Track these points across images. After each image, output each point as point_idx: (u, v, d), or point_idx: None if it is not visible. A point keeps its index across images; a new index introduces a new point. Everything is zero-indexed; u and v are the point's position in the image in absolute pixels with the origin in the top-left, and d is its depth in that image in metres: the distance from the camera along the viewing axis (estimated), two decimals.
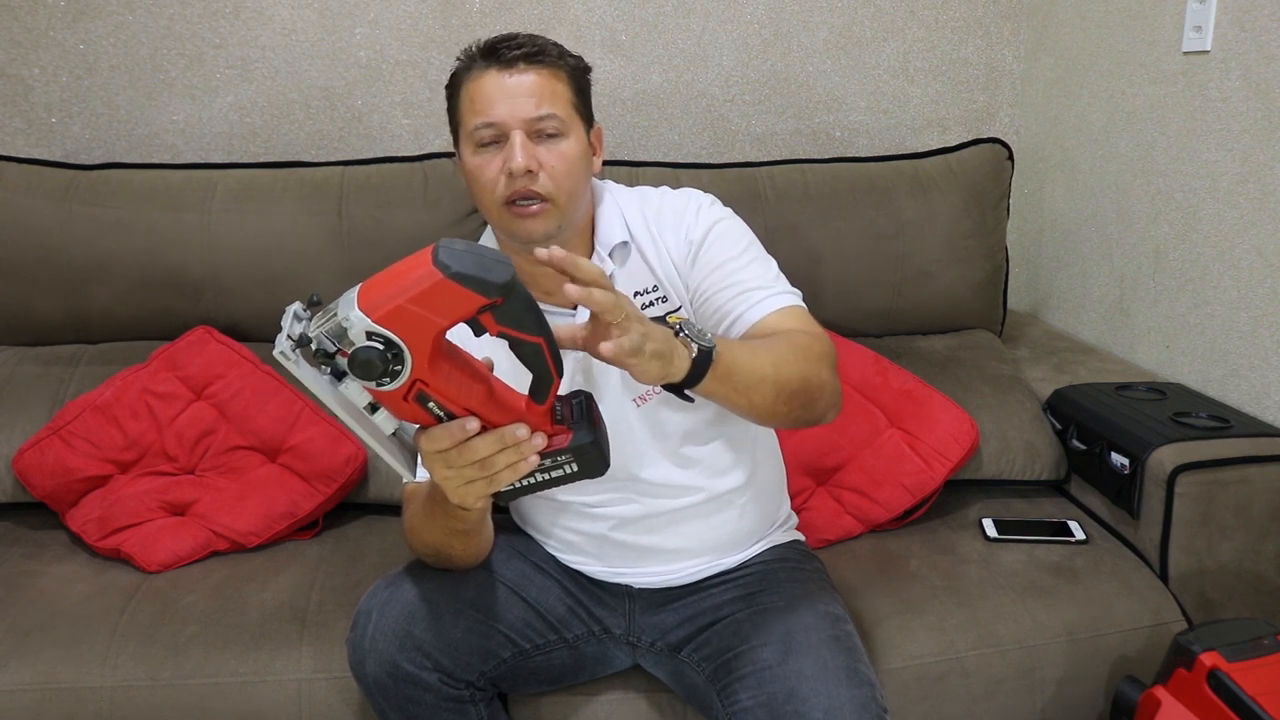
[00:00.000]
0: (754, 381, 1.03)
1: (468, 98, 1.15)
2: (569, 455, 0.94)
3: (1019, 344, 2.02)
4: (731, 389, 1.02)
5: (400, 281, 0.84)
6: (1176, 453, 1.46)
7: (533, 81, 1.13)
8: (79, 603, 1.40)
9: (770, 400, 1.06)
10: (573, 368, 1.21)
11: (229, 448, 1.61)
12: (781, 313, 1.16)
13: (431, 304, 0.83)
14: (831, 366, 1.14)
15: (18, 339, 1.81)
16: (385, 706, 1.16)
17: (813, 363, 1.10)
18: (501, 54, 1.13)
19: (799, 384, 1.07)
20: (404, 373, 0.85)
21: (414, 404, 0.88)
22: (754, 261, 1.20)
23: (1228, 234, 1.65)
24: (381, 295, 0.83)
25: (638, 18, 2.08)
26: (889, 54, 2.15)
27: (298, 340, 0.84)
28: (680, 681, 1.26)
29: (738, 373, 1.02)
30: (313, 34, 2.01)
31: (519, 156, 1.11)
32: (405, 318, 0.83)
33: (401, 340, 0.83)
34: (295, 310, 0.87)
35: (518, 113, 1.12)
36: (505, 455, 0.91)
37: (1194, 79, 1.70)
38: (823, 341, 1.14)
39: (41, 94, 1.97)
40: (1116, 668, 1.38)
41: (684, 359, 0.96)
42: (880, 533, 1.61)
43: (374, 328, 0.83)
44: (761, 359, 1.05)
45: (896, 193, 1.90)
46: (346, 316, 0.83)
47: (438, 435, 0.90)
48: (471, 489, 0.93)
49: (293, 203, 1.79)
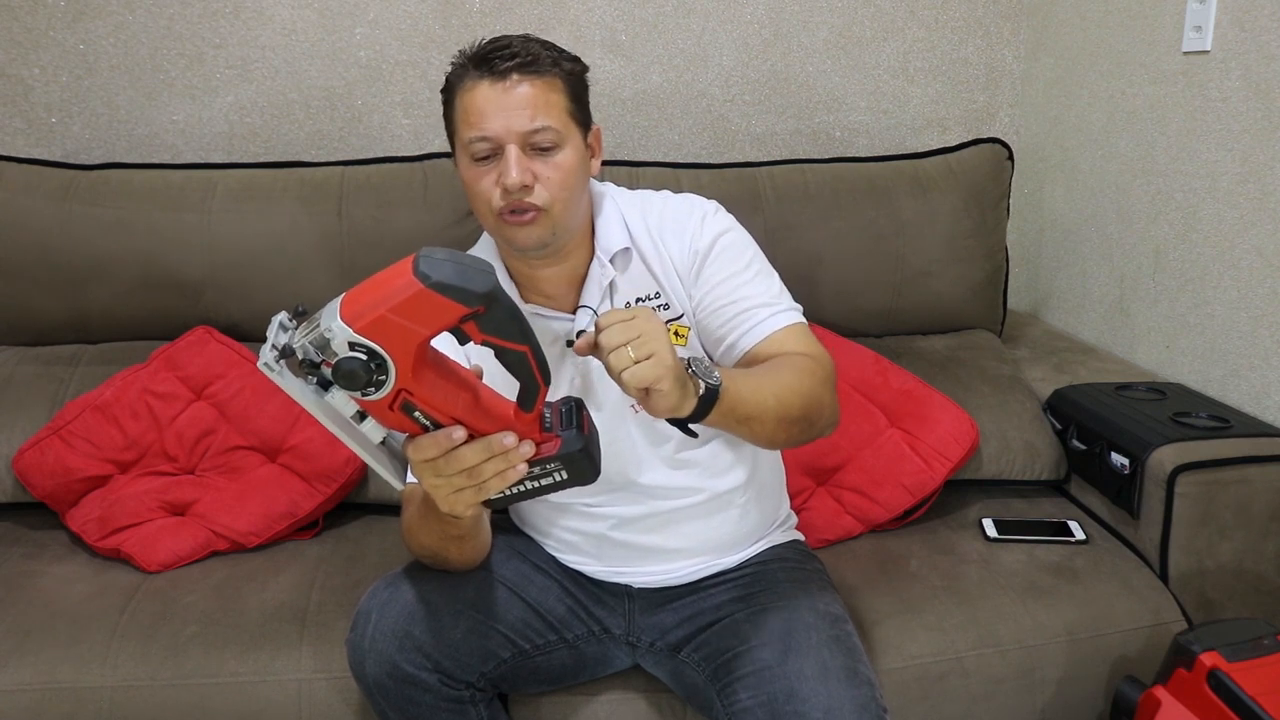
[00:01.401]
0: (757, 414, 1.06)
1: (461, 109, 1.14)
2: (558, 463, 0.94)
3: (1019, 344, 2.02)
4: (734, 421, 1.05)
5: (381, 291, 0.83)
6: (1176, 453, 1.46)
7: (526, 94, 1.11)
8: (79, 603, 1.40)
9: (771, 429, 1.08)
10: (571, 373, 1.21)
11: (229, 448, 1.61)
12: (783, 333, 1.17)
13: (412, 314, 0.83)
14: (831, 388, 1.16)
15: (18, 339, 1.81)
16: (385, 707, 1.16)
17: (815, 387, 1.12)
18: (494, 65, 1.11)
19: (800, 411, 1.10)
20: (388, 383, 0.85)
21: (400, 413, 0.88)
22: (758, 276, 1.21)
23: (1228, 234, 1.64)
24: (363, 305, 0.83)
25: (638, 18, 2.08)
26: (889, 54, 2.15)
27: (282, 351, 0.84)
28: (680, 681, 1.26)
29: (741, 406, 1.04)
30: (313, 34, 2.01)
31: (514, 173, 1.10)
32: (387, 328, 0.83)
33: (384, 350, 0.83)
34: (281, 320, 0.87)
35: (512, 127, 1.11)
36: (493, 464, 0.91)
37: (1194, 79, 1.70)
38: (823, 364, 1.16)
39: (41, 94, 1.97)
40: (1116, 668, 1.38)
41: (692, 395, 0.98)
42: (880, 533, 1.61)
43: (356, 338, 0.83)
44: (765, 392, 1.07)
45: (896, 193, 1.90)
46: (329, 327, 0.83)
47: (424, 445, 0.90)
48: (460, 497, 0.93)
49: (293, 203, 1.79)
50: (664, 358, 0.94)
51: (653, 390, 0.94)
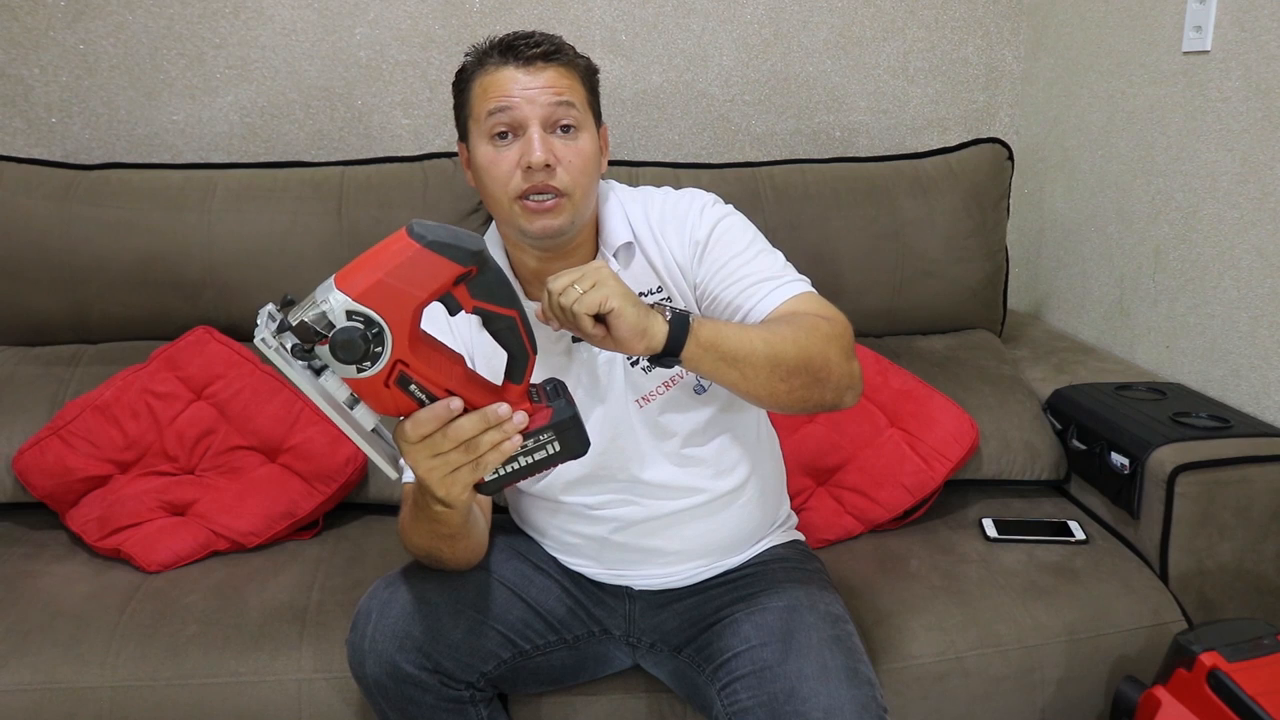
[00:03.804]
0: (744, 353, 1.04)
1: (481, 89, 1.14)
2: (551, 433, 0.94)
3: (1019, 344, 2.02)
4: (719, 359, 1.03)
5: (377, 259, 0.85)
6: (1176, 453, 1.46)
7: (550, 76, 1.13)
8: (79, 603, 1.40)
9: (766, 375, 1.05)
10: (578, 370, 1.21)
11: (229, 448, 1.61)
12: (793, 300, 1.15)
13: (409, 276, 0.85)
14: (843, 348, 1.11)
15: (18, 339, 1.81)
16: (385, 707, 1.16)
17: (817, 341, 1.08)
18: (520, 51, 1.12)
19: (796, 361, 1.06)
20: (384, 354, 0.86)
21: (395, 389, 0.88)
22: (760, 254, 1.20)
23: (1228, 234, 1.65)
24: (359, 274, 0.85)
25: (638, 18, 2.08)
26: (889, 54, 2.15)
27: (280, 325, 0.85)
28: (680, 681, 1.26)
29: (723, 343, 1.03)
30: (313, 34, 2.01)
31: (537, 150, 1.10)
32: (384, 292, 0.84)
33: (381, 317, 0.85)
34: (269, 310, 0.87)
35: (537, 101, 1.12)
36: (490, 435, 0.91)
37: (1194, 79, 1.70)
38: (834, 323, 1.12)
39: (41, 94, 1.97)
40: (1116, 668, 1.38)
41: (660, 323, 1.00)
42: (880, 533, 1.61)
43: (354, 306, 0.84)
44: (751, 334, 1.06)
45: (896, 193, 1.90)
46: (326, 299, 0.84)
47: (423, 419, 0.89)
48: (457, 477, 0.93)
49: (293, 203, 1.79)
50: (608, 282, 0.98)
51: (609, 316, 0.97)
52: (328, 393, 0.88)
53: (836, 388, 1.10)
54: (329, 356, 0.85)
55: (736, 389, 1.07)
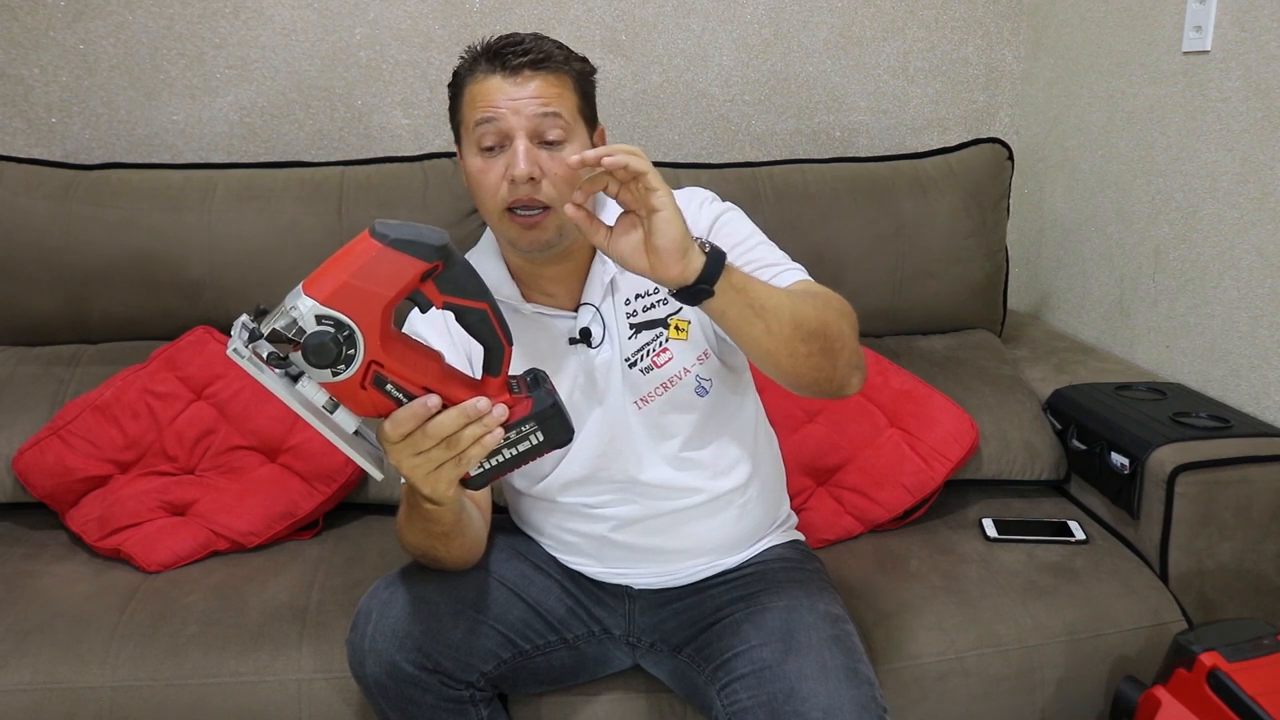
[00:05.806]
0: (771, 305, 1.02)
1: (470, 97, 1.14)
2: (533, 423, 0.94)
3: (1019, 344, 2.02)
4: (747, 306, 1.00)
5: (342, 262, 0.86)
6: (1176, 453, 1.46)
7: (537, 86, 1.12)
8: (79, 603, 1.40)
9: (789, 332, 1.02)
10: (575, 370, 1.21)
11: (229, 448, 1.61)
12: (799, 285, 1.15)
13: (375, 276, 0.85)
14: (852, 325, 1.12)
15: (18, 339, 1.80)
16: (385, 707, 1.16)
17: (832, 312, 1.08)
18: (507, 59, 1.11)
19: (816, 324, 1.05)
20: (358, 356, 0.86)
21: (372, 390, 0.88)
22: (761, 245, 1.20)
23: (1228, 234, 1.65)
24: (326, 278, 0.85)
25: (638, 18, 2.08)
26: (889, 54, 2.15)
27: (251, 334, 0.85)
28: (680, 681, 1.26)
29: (753, 290, 1.01)
30: (313, 34, 2.01)
31: (522, 163, 1.10)
32: (351, 294, 0.85)
33: (351, 320, 0.85)
34: (244, 320, 0.88)
35: (522, 112, 1.11)
36: (471, 430, 0.90)
37: (1194, 79, 1.70)
38: (844, 302, 1.13)
39: (41, 94, 1.97)
40: (1116, 668, 1.38)
41: (698, 253, 0.97)
42: (880, 533, 1.61)
43: (323, 310, 0.84)
44: (776, 290, 1.05)
45: (896, 193, 1.90)
46: (295, 306, 0.84)
47: (402, 418, 0.89)
48: (441, 474, 0.93)
49: (293, 203, 1.79)
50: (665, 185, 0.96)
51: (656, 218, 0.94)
52: (306, 399, 0.88)
53: (847, 364, 1.09)
54: (303, 362, 0.86)
55: (759, 344, 1.03)
